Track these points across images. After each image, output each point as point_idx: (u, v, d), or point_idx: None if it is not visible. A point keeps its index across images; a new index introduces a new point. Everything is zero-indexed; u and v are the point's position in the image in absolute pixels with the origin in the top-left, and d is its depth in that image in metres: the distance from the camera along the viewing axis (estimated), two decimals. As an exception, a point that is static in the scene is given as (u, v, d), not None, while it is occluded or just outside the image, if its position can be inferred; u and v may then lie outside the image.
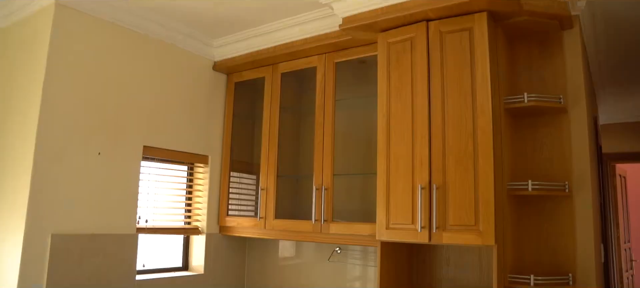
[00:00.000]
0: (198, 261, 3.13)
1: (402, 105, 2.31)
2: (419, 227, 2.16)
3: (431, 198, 2.15)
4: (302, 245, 3.15)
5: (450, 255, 2.53)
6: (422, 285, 2.60)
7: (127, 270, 2.63)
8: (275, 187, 2.92)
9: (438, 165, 2.16)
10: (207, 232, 3.11)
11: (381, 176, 2.31)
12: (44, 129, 2.32)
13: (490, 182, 2.03)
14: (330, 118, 2.74)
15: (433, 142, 2.19)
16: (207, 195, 3.13)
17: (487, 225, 2.01)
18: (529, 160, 2.39)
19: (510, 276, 2.16)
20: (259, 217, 2.95)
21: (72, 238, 2.39)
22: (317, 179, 2.72)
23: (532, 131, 2.41)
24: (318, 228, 2.69)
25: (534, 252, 2.34)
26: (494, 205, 2.01)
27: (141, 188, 2.76)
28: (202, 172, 3.17)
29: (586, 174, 2.30)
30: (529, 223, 2.35)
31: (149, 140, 2.80)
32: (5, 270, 2.27)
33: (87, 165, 2.48)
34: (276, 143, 2.97)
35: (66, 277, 2.35)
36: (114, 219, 2.59)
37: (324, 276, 3.01)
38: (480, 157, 2.07)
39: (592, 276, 2.24)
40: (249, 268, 3.38)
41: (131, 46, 2.74)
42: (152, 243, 2.98)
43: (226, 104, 3.30)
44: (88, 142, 2.49)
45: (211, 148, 3.19)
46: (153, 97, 2.84)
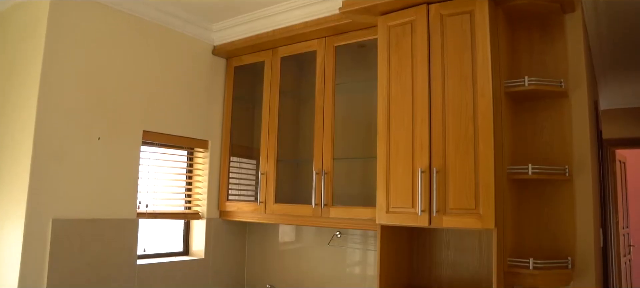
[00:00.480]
0: (198, 246, 3.14)
1: (402, 88, 2.30)
2: (419, 211, 2.16)
3: (431, 182, 2.15)
4: (302, 229, 3.16)
5: (450, 239, 2.54)
6: (422, 268, 2.61)
7: (128, 254, 2.65)
8: (275, 171, 2.92)
9: (438, 148, 2.16)
10: (207, 217, 3.12)
11: (381, 160, 2.31)
12: (43, 114, 2.31)
13: (491, 165, 2.03)
14: (330, 102, 2.74)
15: (433, 125, 2.19)
16: (207, 180, 3.14)
17: (487, 209, 2.02)
18: (529, 144, 2.39)
19: (509, 259, 2.17)
20: (259, 201, 2.96)
21: (72, 223, 2.39)
22: (317, 163, 2.73)
23: (532, 115, 2.40)
24: (318, 212, 2.69)
25: (534, 235, 2.34)
26: (494, 188, 2.01)
27: (141, 173, 2.76)
28: (202, 156, 3.17)
29: (586, 158, 2.29)
30: (529, 207, 2.36)
31: (149, 125, 2.79)
32: (7, 255, 2.28)
33: (86, 150, 2.48)
34: (276, 127, 2.96)
35: (68, 262, 2.36)
36: (114, 204, 2.59)
37: (324, 260, 3.02)
38: (480, 141, 2.06)
39: (591, 260, 2.25)
40: (249, 252, 3.40)
41: (130, 31, 2.72)
42: (153, 228, 2.99)
43: (226, 89, 3.28)
44: (87, 127, 2.49)
45: (211, 133, 3.18)
46: (152, 82, 2.83)
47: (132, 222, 2.67)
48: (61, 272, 2.33)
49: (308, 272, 3.09)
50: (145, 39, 2.80)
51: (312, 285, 3.06)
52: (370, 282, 2.83)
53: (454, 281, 2.52)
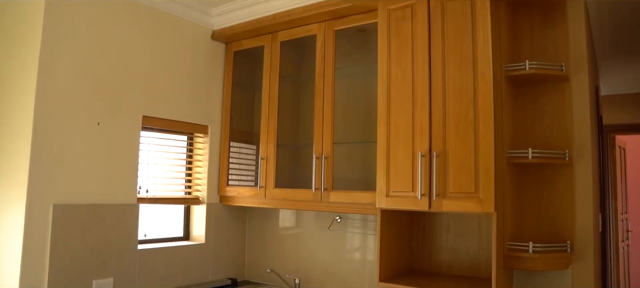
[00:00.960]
0: (199, 231, 3.15)
1: (402, 72, 2.29)
2: (419, 195, 2.16)
3: (431, 166, 2.15)
4: (302, 214, 3.17)
5: (450, 223, 2.55)
6: (422, 252, 2.63)
7: (129, 239, 2.66)
8: (275, 156, 2.92)
9: (438, 132, 2.16)
10: (207, 202, 3.13)
11: (381, 144, 2.31)
12: (41, 100, 2.30)
13: (491, 149, 2.03)
14: (330, 86, 2.73)
15: (433, 109, 2.18)
16: (207, 165, 3.14)
17: (487, 193, 2.02)
18: (529, 128, 2.38)
19: (509, 243, 2.18)
20: (259, 186, 2.96)
21: (73, 209, 2.40)
22: (317, 148, 2.73)
23: (533, 99, 2.39)
24: (318, 196, 2.70)
25: (533, 220, 2.35)
26: (494, 172, 2.01)
27: (141, 158, 2.76)
28: (202, 142, 3.17)
29: (586, 143, 2.29)
30: (529, 191, 2.36)
31: (148, 110, 2.78)
32: (9, 240, 2.29)
33: (86, 136, 2.48)
34: (276, 112, 2.96)
35: (69, 247, 2.37)
36: (114, 189, 2.59)
37: (324, 245, 3.04)
38: (480, 125, 2.06)
39: (589, 244, 2.26)
40: (249, 237, 3.41)
41: (128, 15, 2.70)
42: (153, 213, 2.99)
43: (225, 74, 3.27)
44: (87, 112, 2.48)
45: (211, 118, 3.18)
46: (151, 67, 2.81)
47: (133, 207, 2.68)
48: (63, 257, 2.34)
49: (308, 256, 3.10)
50: (144, 24, 2.78)
51: (312, 269, 3.08)
52: (370, 267, 2.85)
53: (454, 265, 2.53)
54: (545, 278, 2.32)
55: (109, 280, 2.55)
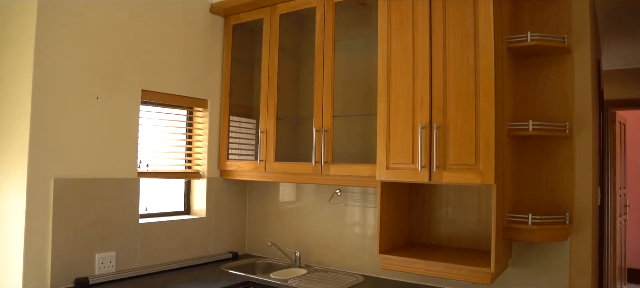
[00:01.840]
0: (199, 205, 3.17)
1: (402, 44, 2.27)
2: (419, 167, 2.17)
3: (431, 138, 2.15)
4: (303, 188, 3.18)
5: (449, 196, 2.56)
6: (421, 225, 2.65)
7: (130, 213, 2.67)
8: (275, 129, 2.92)
9: (439, 104, 2.15)
10: (207, 176, 3.14)
11: (381, 116, 2.31)
12: (39, 75, 2.28)
13: (491, 121, 2.02)
14: (330, 59, 2.71)
15: (434, 81, 2.17)
16: (207, 139, 3.14)
17: (487, 165, 2.02)
18: (530, 101, 2.38)
19: (508, 215, 2.19)
20: (259, 160, 2.97)
21: (74, 183, 2.40)
22: (317, 121, 2.72)
23: (534, 72, 2.38)
24: (318, 170, 2.71)
25: (533, 192, 2.36)
26: (494, 144, 2.01)
27: (141, 133, 2.75)
28: (202, 116, 3.16)
29: (587, 116, 2.29)
30: (529, 163, 2.37)
31: (147, 84, 2.77)
32: (11, 215, 2.30)
33: (86, 110, 2.47)
34: (275, 85, 2.94)
35: (71, 221, 2.39)
36: (115, 164, 2.60)
37: (324, 218, 3.06)
38: (481, 96, 2.05)
39: (588, 216, 2.28)
40: (249, 211, 3.43)
41: (125, -13, 2.66)
42: (154, 188, 3.00)
43: (224, 47, 3.25)
44: (85, 87, 2.47)
45: (210, 92, 3.16)
46: (150, 41, 2.78)
47: (133, 182, 2.69)
48: (65, 231, 2.36)
49: (308, 229, 3.13)
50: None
51: (312, 242, 3.10)
52: (370, 239, 2.87)
53: (453, 238, 2.55)
54: (544, 250, 2.34)
55: (111, 253, 2.57)
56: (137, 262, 2.71)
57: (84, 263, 2.44)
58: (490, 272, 2.04)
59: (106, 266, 2.54)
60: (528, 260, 2.37)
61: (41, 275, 2.28)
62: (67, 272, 2.37)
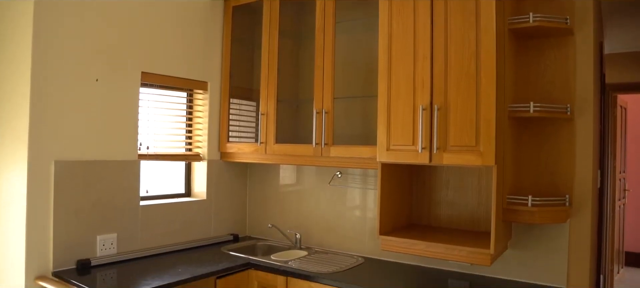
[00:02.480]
0: (200, 187, 3.18)
1: (403, 25, 2.25)
2: (420, 148, 2.17)
3: (432, 119, 2.15)
4: (303, 170, 3.19)
5: (449, 178, 2.57)
6: (421, 207, 2.66)
7: (131, 195, 2.68)
8: (275, 111, 2.91)
9: (439, 85, 2.14)
10: (208, 159, 3.14)
11: (382, 97, 2.30)
12: (38, 57, 2.25)
13: (492, 102, 2.01)
14: (331, 41, 2.69)
15: (435, 62, 2.16)
16: (208, 122, 3.13)
17: (487, 146, 2.02)
18: (531, 83, 2.37)
19: (508, 197, 2.20)
20: (260, 142, 2.96)
21: (75, 165, 2.40)
22: (318, 103, 2.71)
23: (536, 54, 2.37)
24: (319, 151, 2.71)
25: (533, 174, 2.36)
26: (495, 125, 2.01)
27: (141, 115, 2.74)
28: (202, 98, 3.15)
29: (589, 98, 2.28)
30: (529, 145, 2.37)
31: (147, 66, 2.75)
32: (13, 197, 2.31)
33: (85, 92, 2.45)
34: (276, 67, 2.93)
35: (72, 202, 2.39)
36: (115, 146, 2.59)
37: (325, 200, 3.07)
38: (482, 78, 2.04)
39: (588, 198, 2.29)
40: (250, 193, 3.44)
41: (124, -32, 2.63)
42: (154, 170, 3.01)
43: (224, 29, 3.22)
44: (85, 69, 2.45)
45: (210, 75, 3.15)
46: (149, 22, 2.76)
47: (134, 164, 2.69)
48: (66, 213, 2.37)
49: (309, 211, 3.14)
50: (141, -23, 2.71)
51: (313, 224, 3.12)
52: (370, 221, 2.88)
53: (453, 219, 2.56)
54: (543, 232, 2.35)
55: (113, 235, 2.58)
56: (138, 243, 2.72)
57: (86, 245, 2.46)
58: (490, 253, 2.05)
59: (108, 248, 2.55)
60: (527, 242, 2.38)
61: (43, 257, 2.30)
62: (69, 253, 2.38)
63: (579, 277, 2.30)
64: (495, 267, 2.45)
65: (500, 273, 2.45)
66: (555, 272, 2.32)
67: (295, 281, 2.48)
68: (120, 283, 2.28)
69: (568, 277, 2.31)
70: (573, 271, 2.30)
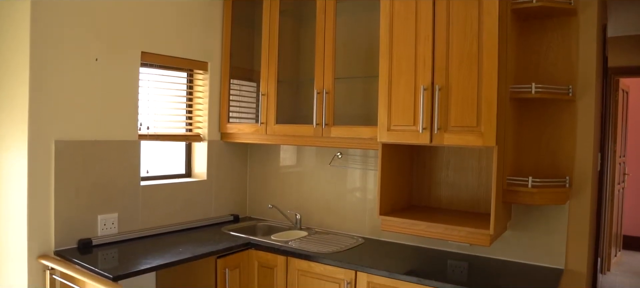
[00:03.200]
0: (200, 168, 3.18)
1: (405, 5, 2.23)
2: (421, 128, 2.16)
3: (433, 100, 2.14)
4: (303, 150, 3.19)
5: (450, 159, 2.57)
6: (422, 188, 2.66)
7: (132, 176, 2.68)
8: (275, 92, 2.90)
9: (441, 66, 2.13)
10: (208, 139, 3.14)
11: (383, 78, 2.29)
12: (36, 36, 2.23)
13: (494, 83, 2.00)
14: (332, 21, 2.67)
15: (437, 42, 2.14)
16: (208, 102, 3.12)
17: (488, 127, 2.02)
18: (533, 64, 2.35)
19: (508, 178, 2.20)
20: (260, 122, 2.96)
21: (75, 145, 2.40)
22: (318, 83, 2.70)
23: (539, 35, 2.35)
24: (319, 132, 2.70)
25: (533, 155, 2.36)
26: (496, 106, 2.00)
27: (141, 95, 2.73)
28: (202, 78, 3.14)
29: (591, 80, 2.27)
30: (530, 127, 2.36)
31: (147, 46, 2.73)
32: (14, 177, 2.31)
33: (85, 72, 2.44)
34: (276, 47, 2.91)
35: (73, 182, 2.39)
36: (115, 126, 2.59)
37: (325, 181, 3.07)
38: (484, 58, 2.03)
39: (588, 180, 2.29)
40: (250, 174, 3.45)
41: (124, -55, 2.59)
42: (155, 151, 3.01)
43: (224, 9, 3.19)
44: (84, 48, 2.43)
45: (210, 55, 3.13)
46: (149, 1, 2.73)
47: (134, 144, 2.68)
48: (67, 192, 2.37)
49: (309, 192, 3.15)
50: (140, -45, 2.68)
51: (313, 204, 3.13)
52: (370, 202, 2.89)
53: (453, 200, 2.57)
54: (543, 214, 2.36)
55: (114, 215, 2.59)
56: (139, 223, 2.73)
57: (87, 224, 2.47)
58: (490, 233, 2.06)
59: (109, 227, 2.56)
60: (527, 223, 2.39)
61: (45, 236, 2.31)
62: (71, 233, 2.39)
63: (577, 258, 2.31)
64: (494, 247, 2.46)
65: (499, 254, 2.46)
66: (554, 254, 2.34)
67: (295, 261, 2.50)
68: (122, 262, 2.29)
69: (566, 258, 2.32)
70: (571, 252, 2.32)
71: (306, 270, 2.47)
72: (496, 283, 2.08)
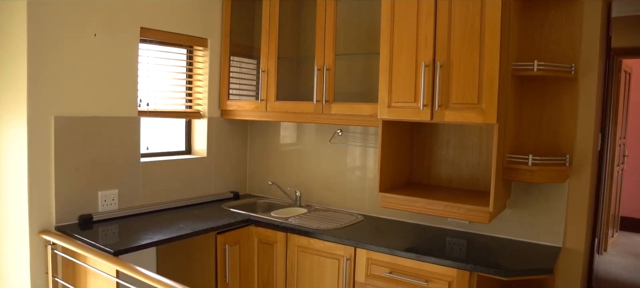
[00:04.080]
0: (200, 145, 3.18)
1: (408, -20, 2.20)
2: (421, 105, 2.15)
3: (434, 76, 2.13)
4: (303, 128, 3.18)
5: (450, 137, 2.56)
6: (422, 166, 2.66)
7: (132, 152, 2.68)
8: (276, 68, 2.88)
9: (443, 42, 2.11)
10: (208, 116, 3.13)
11: (384, 54, 2.27)
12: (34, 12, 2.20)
13: (496, 60, 1.99)
14: (333, -4, 2.64)
15: (439, 18, 2.12)
16: (208, 79, 3.10)
17: (489, 104, 2.01)
18: (536, 42, 2.33)
19: (508, 156, 2.20)
20: (260, 99, 2.95)
21: (75, 121, 2.39)
22: (319, 60, 2.68)
23: (542, 12, 2.32)
24: (319, 109, 2.69)
25: (534, 133, 2.36)
26: (498, 83, 1.99)
27: (141, 71, 2.71)
28: (202, 55, 3.11)
29: (594, 59, 2.25)
30: (531, 105, 2.35)
31: (146, 21, 2.70)
32: (14, 154, 2.31)
33: (84, 48, 2.41)
34: (277, 24, 2.88)
35: (73, 158, 2.39)
36: (115, 102, 2.58)
37: (325, 158, 3.08)
38: (486, 35, 2.01)
39: (588, 159, 2.29)
40: (250, 151, 3.45)
41: None
42: (155, 127, 3.00)
43: (224, -15, 3.15)
44: (82, 23, 2.40)
45: (210, 31, 3.10)
46: (148, -25, 2.70)
47: (134, 120, 2.68)
48: (68, 169, 2.37)
49: (309, 169, 3.15)
50: None
51: (313, 182, 3.13)
52: (370, 179, 2.90)
53: (453, 178, 2.57)
54: (542, 192, 2.37)
55: (114, 191, 2.60)
56: (140, 200, 2.74)
57: (88, 200, 2.47)
58: (489, 211, 2.07)
59: (109, 203, 2.57)
60: (526, 201, 2.40)
61: (46, 212, 2.32)
62: (71, 209, 2.40)
63: (575, 237, 2.33)
64: (493, 225, 2.47)
65: (498, 232, 2.48)
66: (553, 232, 2.35)
67: (295, 237, 2.52)
68: (122, 238, 2.30)
69: (565, 236, 2.34)
70: (570, 231, 2.33)
71: (306, 247, 2.48)
72: (495, 261, 2.10)
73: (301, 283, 2.51)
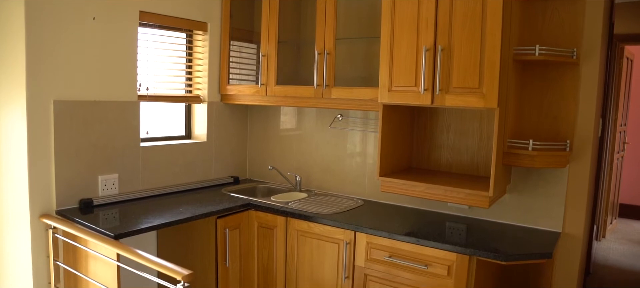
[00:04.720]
0: (200, 130, 3.17)
1: (410, -37, 2.18)
2: (422, 89, 2.15)
3: (435, 60, 2.11)
4: (304, 112, 3.17)
5: (451, 122, 2.56)
6: (422, 151, 2.66)
7: (131, 136, 2.67)
8: (276, 52, 2.86)
9: (444, 26, 2.10)
10: (208, 101, 3.12)
11: (385, 38, 2.26)
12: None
13: (497, 44, 1.98)
14: (334, -20, 2.61)
15: (440, 2, 2.10)
16: (208, 63, 3.09)
17: (490, 88, 2.00)
18: (538, 26, 2.31)
19: (509, 141, 2.20)
20: (260, 83, 2.93)
21: (74, 105, 2.39)
22: (319, 44, 2.66)
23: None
24: (320, 93, 2.68)
25: (535, 118, 2.35)
26: (499, 68, 1.98)
27: (140, 55, 2.70)
28: (202, 39, 3.10)
29: (596, 44, 2.24)
30: (532, 90, 2.34)
31: (145, 4, 2.68)
32: (14, 138, 2.30)
33: (82, 31, 2.40)
34: (277, 8, 2.85)
35: (73, 142, 2.39)
36: (114, 86, 2.57)
37: (325, 143, 3.07)
38: (488, 18, 1.99)
39: (588, 145, 2.29)
40: (250, 135, 3.45)
41: None
42: (155, 112, 2.99)
43: (224, -32, 3.12)
44: (81, 6, 2.38)
45: (210, 15, 3.08)
46: (146, -42, 2.67)
47: (134, 104, 2.67)
48: (68, 153, 2.37)
49: (309, 154, 3.15)
50: None
51: (313, 166, 3.14)
52: (370, 164, 2.90)
53: (453, 164, 2.57)
54: (542, 177, 2.37)
55: (114, 176, 2.60)
56: (140, 184, 2.74)
57: (88, 184, 2.48)
58: (489, 196, 2.07)
59: (109, 188, 2.58)
60: (525, 187, 2.40)
61: (47, 196, 2.32)
62: (72, 193, 2.41)
63: (574, 222, 2.33)
64: (493, 210, 2.48)
65: (498, 216, 2.49)
66: (552, 217, 2.36)
67: (295, 221, 2.52)
68: (123, 222, 2.31)
69: (564, 221, 2.34)
70: (569, 216, 2.34)
71: (306, 231, 2.49)
72: (494, 245, 2.10)
73: (301, 267, 2.53)
